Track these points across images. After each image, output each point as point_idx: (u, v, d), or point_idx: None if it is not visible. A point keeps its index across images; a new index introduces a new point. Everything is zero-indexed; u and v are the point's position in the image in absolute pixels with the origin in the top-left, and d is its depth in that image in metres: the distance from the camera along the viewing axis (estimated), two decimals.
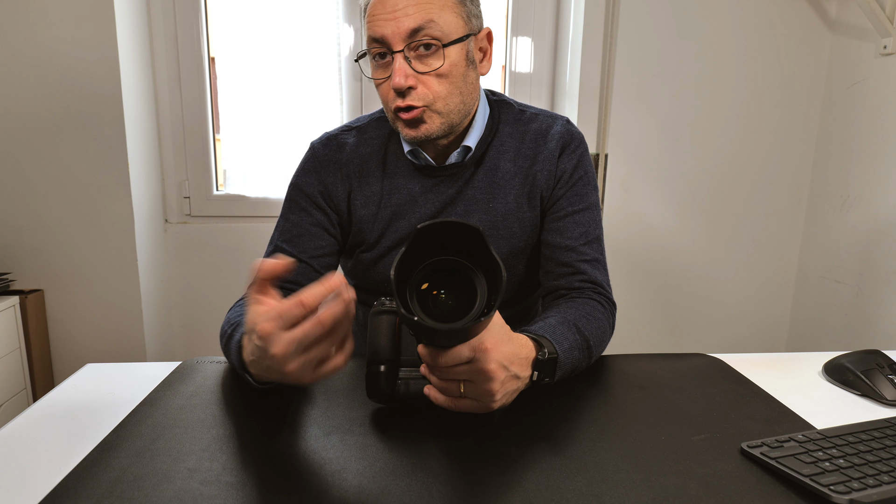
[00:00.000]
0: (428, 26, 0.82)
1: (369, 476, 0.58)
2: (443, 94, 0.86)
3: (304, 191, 0.96)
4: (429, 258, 0.59)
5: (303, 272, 0.93)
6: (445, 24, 0.83)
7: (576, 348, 0.77)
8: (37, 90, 1.64)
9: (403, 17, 0.81)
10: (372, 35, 0.84)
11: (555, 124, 0.98)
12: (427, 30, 0.82)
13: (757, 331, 2.15)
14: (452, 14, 0.84)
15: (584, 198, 0.96)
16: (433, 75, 0.84)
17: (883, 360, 0.84)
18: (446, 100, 0.86)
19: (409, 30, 0.81)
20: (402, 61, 0.83)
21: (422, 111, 0.85)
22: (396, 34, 0.82)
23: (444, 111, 0.87)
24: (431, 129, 0.87)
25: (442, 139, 0.92)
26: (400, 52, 0.83)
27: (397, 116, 0.87)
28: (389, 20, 0.82)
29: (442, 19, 0.82)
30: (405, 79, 0.83)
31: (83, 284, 1.76)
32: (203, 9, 1.85)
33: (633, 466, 0.61)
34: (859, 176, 1.81)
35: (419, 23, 0.81)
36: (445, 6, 0.83)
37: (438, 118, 0.87)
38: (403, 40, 0.82)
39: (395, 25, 0.81)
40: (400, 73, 0.82)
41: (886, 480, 0.56)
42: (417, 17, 0.81)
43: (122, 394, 0.77)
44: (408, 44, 0.82)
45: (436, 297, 0.60)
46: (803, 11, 1.90)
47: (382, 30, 0.82)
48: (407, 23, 0.81)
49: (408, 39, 0.82)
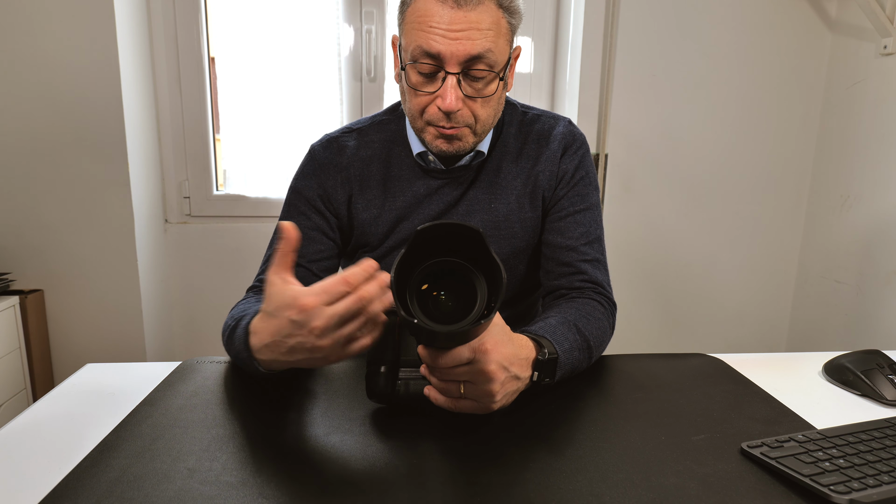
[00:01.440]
0: (487, 55, 0.80)
1: (369, 476, 0.58)
2: (483, 118, 0.86)
3: (303, 195, 0.96)
4: (429, 259, 0.59)
5: (302, 277, 0.93)
6: (500, 52, 0.82)
7: (576, 349, 0.77)
8: (37, 90, 1.64)
9: (466, 41, 0.78)
10: (426, 49, 0.79)
11: (557, 125, 0.98)
12: (485, 59, 0.80)
13: (757, 331, 2.15)
14: (505, 41, 0.83)
15: (585, 198, 0.96)
16: (479, 100, 0.84)
17: (883, 360, 0.84)
18: (485, 122, 0.87)
19: (469, 56, 0.79)
20: (455, 84, 0.81)
21: (462, 130, 0.85)
22: (455, 56, 0.79)
23: (480, 133, 0.88)
24: (465, 146, 0.87)
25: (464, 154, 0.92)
26: (455, 74, 0.81)
27: (429, 127, 0.86)
28: (450, 39, 0.78)
29: (497, 47, 0.81)
30: (457, 102, 0.81)
31: (83, 284, 1.76)
32: (203, 9, 1.85)
33: (633, 466, 0.61)
34: (859, 176, 1.81)
35: (480, 51, 0.79)
36: (501, 33, 0.81)
37: (473, 138, 0.88)
38: (460, 64, 0.80)
39: (455, 47, 0.78)
40: (452, 96, 0.81)
41: (886, 480, 0.56)
42: (479, 44, 0.79)
43: (122, 394, 0.77)
44: (463, 69, 0.81)
45: (436, 299, 0.60)
46: (803, 11, 1.90)
47: (440, 46, 0.79)
48: (467, 48, 0.79)
49: (464, 64, 0.80)
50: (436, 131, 0.86)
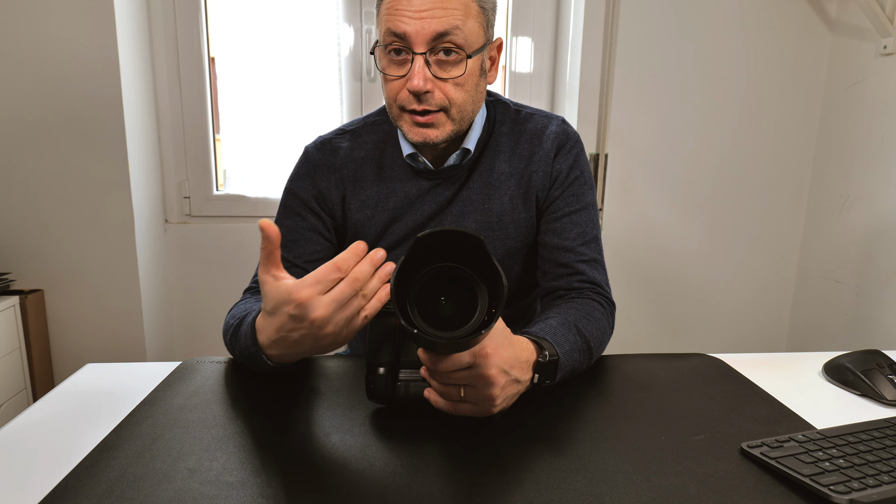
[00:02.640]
0: (454, 32, 0.80)
1: (369, 476, 0.58)
2: (458, 102, 0.85)
3: (298, 195, 0.96)
4: (429, 266, 0.59)
5: (299, 277, 0.93)
6: (469, 32, 0.82)
7: (576, 350, 0.77)
8: (37, 90, 1.64)
9: (430, 19, 0.79)
10: (393, 29, 0.80)
11: (550, 124, 0.97)
12: (452, 36, 0.80)
13: (757, 331, 2.15)
14: (475, 23, 0.83)
15: (580, 198, 0.95)
16: (451, 82, 0.84)
17: (883, 360, 0.84)
18: (461, 107, 0.86)
19: (435, 33, 0.80)
20: (423, 64, 0.81)
21: (436, 116, 0.85)
22: (420, 35, 0.80)
23: (457, 118, 0.87)
24: (441, 134, 0.87)
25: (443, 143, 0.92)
26: (422, 54, 0.81)
27: (404, 115, 0.86)
28: (414, 18, 0.79)
29: (467, 27, 0.81)
30: (424, 82, 0.81)
31: (83, 284, 1.76)
32: (203, 9, 1.85)
33: (633, 466, 0.61)
34: (859, 176, 1.81)
35: (445, 27, 0.80)
36: (470, 14, 0.82)
37: (451, 125, 0.87)
38: (427, 43, 0.80)
39: (419, 25, 0.79)
40: (419, 75, 0.81)
41: (886, 480, 0.56)
42: (444, 21, 0.79)
43: (122, 394, 0.77)
44: (430, 48, 0.81)
45: (436, 304, 0.60)
46: (803, 11, 1.90)
47: (405, 27, 0.80)
48: (433, 25, 0.79)
49: (431, 43, 0.80)
50: (411, 119, 0.86)
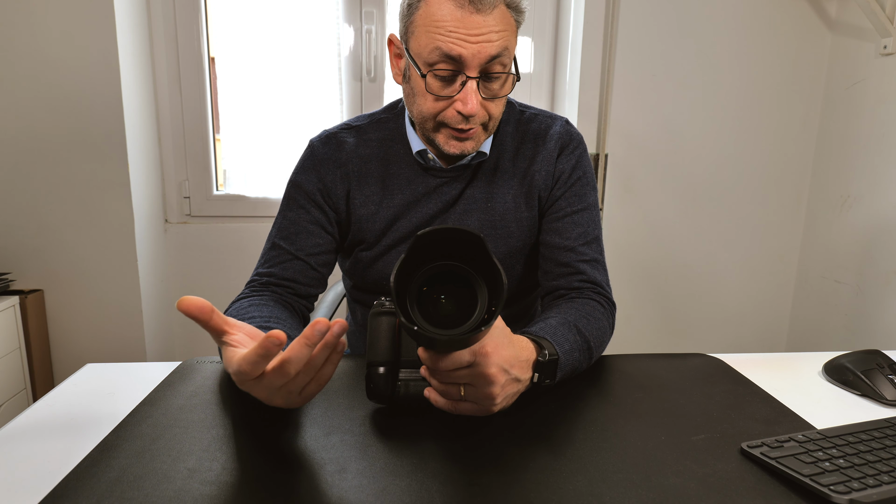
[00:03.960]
0: (504, 54, 0.80)
1: (369, 476, 0.58)
2: (496, 115, 0.87)
3: (302, 188, 0.96)
4: (429, 263, 0.59)
5: (299, 269, 0.93)
6: (512, 49, 0.82)
7: (576, 349, 0.77)
8: (37, 90, 1.64)
9: (486, 44, 0.78)
10: (446, 51, 0.79)
11: (554, 125, 0.98)
12: (502, 58, 0.80)
13: (757, 331, 2.15)
14: (515, 39, 0.84)
15: (582, 198, 0.96)
16: (494, 100, 0.85)
17: (883, 360, 0.84)
18: (497, 119, 0.88)
19: (490, 57, 0.79)
20: (476, 89, 0.81)
21: (476, 130, 0.86)
22: (476, 59, 0.79)
23: (490, 128, 0.88)
24: (477, 146, 0.88)
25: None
26: (475, 78, 0.81)
27: (443, 129, 0.87)
28: (472, 42, 0.78)
29: (511, 46, 0.82)
30: (479, 107, 0.82)
31: (83, 284, 1.76)
32: (203, 9, 1.85)
33: (633, 466, 0.61)
34: (859, 176, 1.81)
35: (499, 50, 0.79)
36: (513, 31, 0.82)
37: (485, 136, 0.89)
38: (480, 66, 0.80)
39: (475, 49, 0.78)
40: (474, 101, 0.81)
41: (886, 480, 0.56)
42: (497, 45, 0.79)
43: (122, 394, 0.77)
44: (481, 72, 0.81)
45: (436, 302, 0.60)
46: (803, 11, 1.90)
47: (461, 50, 0.78)
48: (489, 50, 0.79)
49: (484, 66, 0.80)
50: (450, 133, 0.86)
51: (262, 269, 0.94)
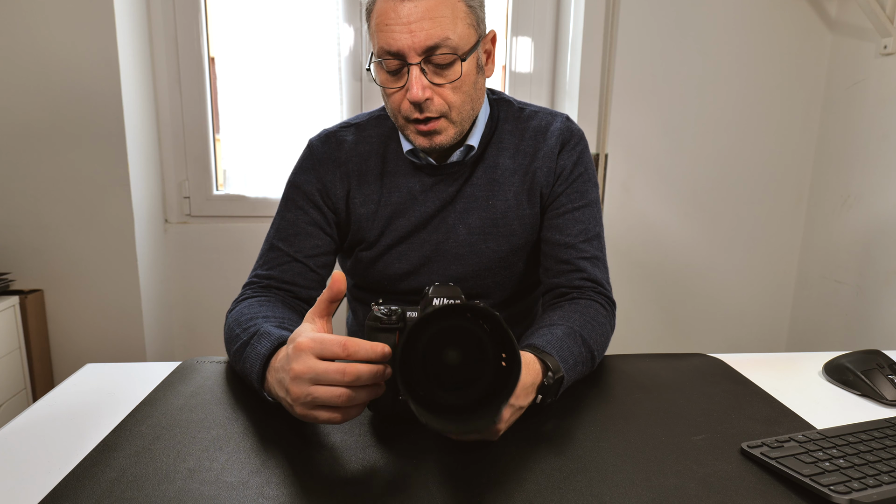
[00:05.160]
0: (444, 43, 0.80)
1: (369, 476, 0.58)
2: (457, 104, 0.86)
3: (301, 189, 0.96)
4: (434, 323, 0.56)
5: (298, 271, 0.93)
6: (459, 36, 0.82)
7: (580, 363, 0.77)
8: (37, 90, 1.64)
9: (419, 31, 0.79)
10: (386, 47, 0.81)
11: (554, 121, 0.98)
12: (443, 47, 0.81)
13: (757, 331, 2.15)
14: (464, 24, 0.83)
15: (584, 195, 0.95)
16: (448, 87, 0.84)
17: (883, 360, 0.84)
18: (460, 109, 0.86)
19: (426, 46, 0.80)
20: (419, 73, 0.81)
21: (438, 122, 0.85)
22: (412, 48, 0.80)
23: (457, 120, 0.87)
24: (446, 139, 0.87)
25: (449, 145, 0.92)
26: (416, 64, 0.81)
27: (409, 125, 0.87)
28: (405, 32, 0.79)
29: (456, 33, 0.81)
30: (423, 91, 0.82)
31: (83, 284, 1.76)
32: (203, 9, 1.85)
33: (633, 466, 0.61)
34: (859, 176, 1.81)
35: (436, 41, 0.80)
36: (458, 17, 0.82)
37: (453, 128, 0.87)
38: (419, 53, 0.81)
39: (410, 39, 0.79)
40: (417, 85, 0.81)
41: (886, 480, 0.56)
42: (434, 32, 0.80)
43: (122, 394, 0.77)
44: (424, 57, 0.81)
45: (440, 356, 0.57)
46: (803, 11, 1.90)
47: (398, 43, 0.80)
48: (423, 38, 0.79)
49: (424, 53, 0.81)
50: (415, 128, 0.86)
51: (262, 271, 0.94)
